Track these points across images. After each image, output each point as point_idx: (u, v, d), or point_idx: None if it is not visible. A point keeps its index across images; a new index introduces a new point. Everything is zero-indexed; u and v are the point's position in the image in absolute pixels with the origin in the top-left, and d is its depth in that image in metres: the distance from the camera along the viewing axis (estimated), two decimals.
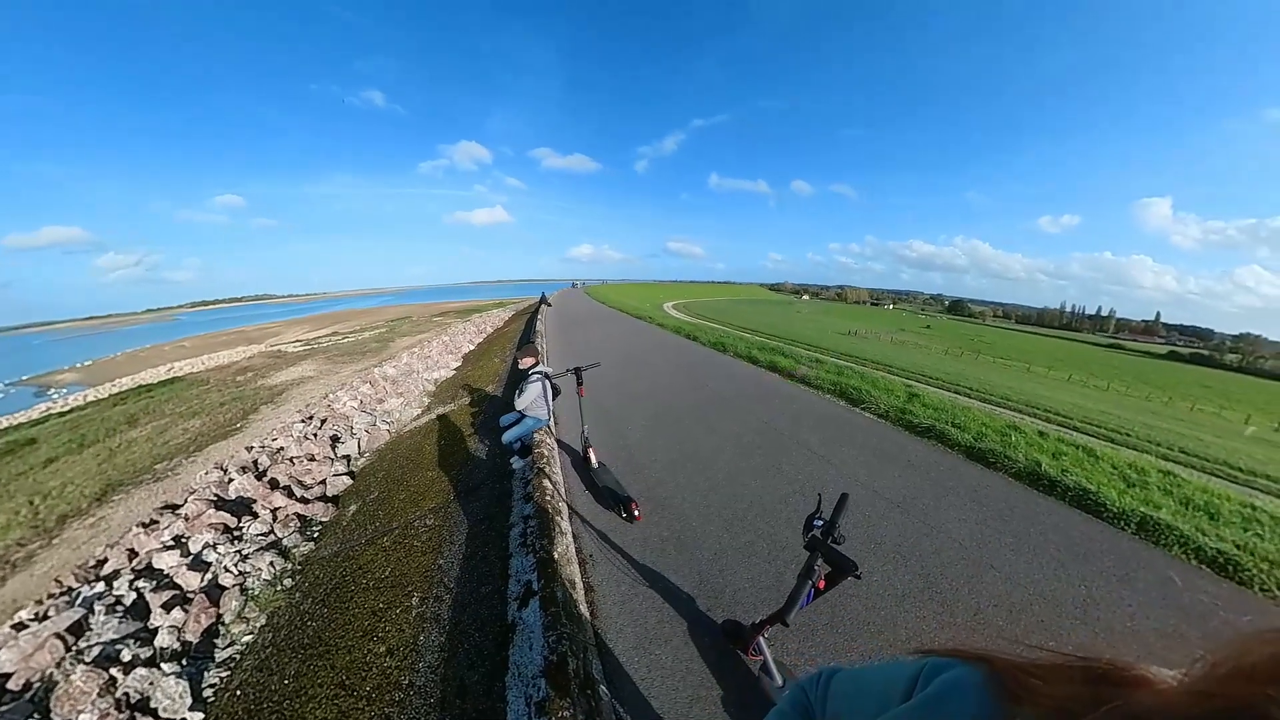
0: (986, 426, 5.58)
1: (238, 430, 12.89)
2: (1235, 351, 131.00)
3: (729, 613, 2.50)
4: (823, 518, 1.58)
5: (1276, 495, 8.64)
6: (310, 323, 63.12)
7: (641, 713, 2.03)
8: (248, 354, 31.74)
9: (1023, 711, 0.41)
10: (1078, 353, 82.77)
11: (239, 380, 20.98)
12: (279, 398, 16.61)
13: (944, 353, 47.32)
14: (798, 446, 4.95)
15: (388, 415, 9.68)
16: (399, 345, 26.57)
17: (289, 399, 16.23)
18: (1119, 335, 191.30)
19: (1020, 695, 0.43)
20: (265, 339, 43.70)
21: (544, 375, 4.18)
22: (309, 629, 3.18)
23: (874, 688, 0.58)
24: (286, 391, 17.51)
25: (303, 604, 3.59)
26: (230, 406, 15.67)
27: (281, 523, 5.55)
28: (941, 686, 0.48)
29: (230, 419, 14.18)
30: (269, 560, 4.64)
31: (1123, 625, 2.53)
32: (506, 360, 11.52)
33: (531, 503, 3.47)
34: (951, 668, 0.50)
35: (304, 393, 16.91)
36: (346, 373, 19.79)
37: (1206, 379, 66.93)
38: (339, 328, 48.81)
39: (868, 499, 3.77)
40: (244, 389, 18.71)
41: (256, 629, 3.70)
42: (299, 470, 6.98)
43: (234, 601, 4.12)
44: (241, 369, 24.33)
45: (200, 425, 13.82)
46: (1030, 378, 33.90)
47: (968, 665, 0.49)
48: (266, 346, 35.63)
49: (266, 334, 49.99)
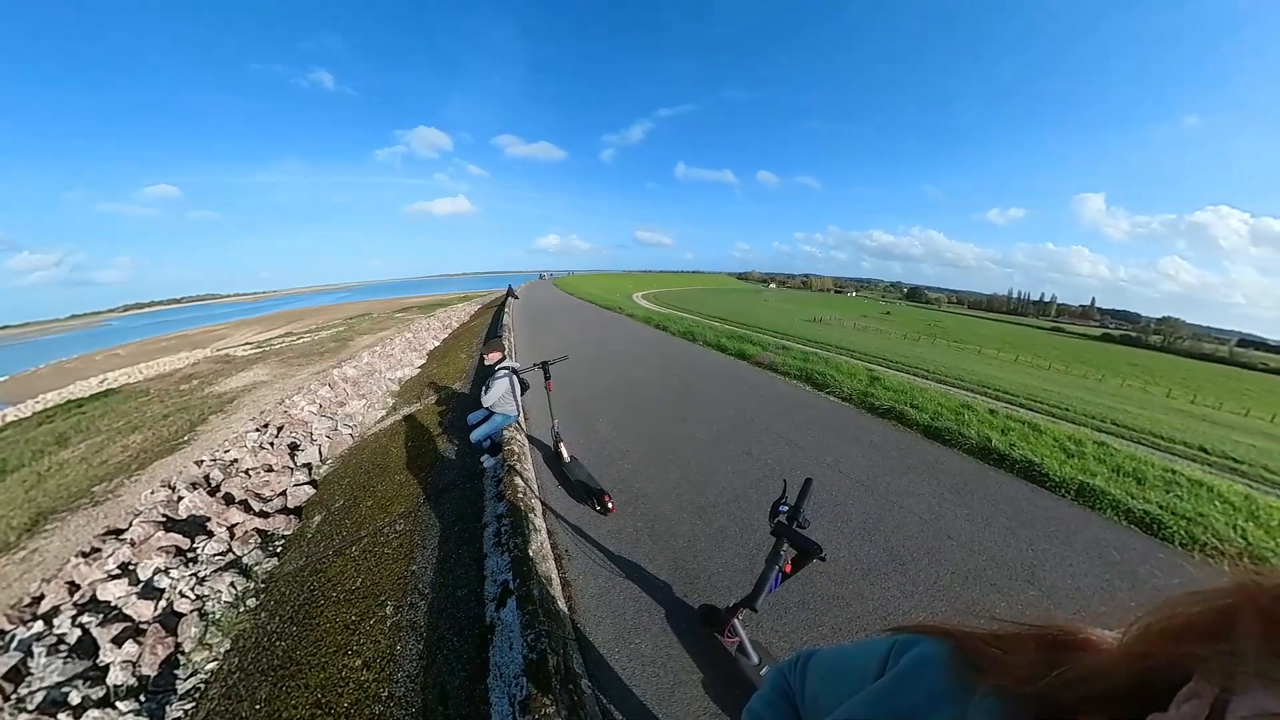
0: (942, 406, 5.88)
1: (185, 444, 12.07)
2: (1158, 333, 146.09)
3: (705, 598, 2.54)
4: (788, 503, 1.62)
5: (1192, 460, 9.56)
6: (261, 323, 59.48)
7: (625, 702, 2.05)
8: (192, 360, 29.62)
9: (984, 681, 0.44)
10: (1024, 336, 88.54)
11: (183, 389, 19.60)
12: (229, 406, 15.64)
13: (903, 337, 49.47)
14: (766, 432, 5.07)
15: (350, 419, 9.29)
16: (359, 344, 25.47)
17: (241, 407, 15.31)
18: (1060, 319, 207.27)
19: (982, 666, 0.45)
20: (211, 343, 40.94)
21: (511, 371, 4.10)
22: (278, 649, 3.04)
23: (849, 667, 0.59)
24: (237, 399, 16.51)
25: (269, 624, 3.42)
26: (175, 418, 14.63)
27: (240, 540, 5.24)
28: (910, 662, 0.50)
29: (175, 432, 13.24)
30: (229, 581, 4.38)
31: (1065, 584, 2.73)
32: (473, 356, 11.25)
33: (504, 501, 3.41)
34: (919, 643, 0.52)
35: (257, 399, 15.99)
36: (303, 376, 18.83)
37: (1134, 358, 73.15)
38: (293, 327, 46.26)
39: (834, 479, 3.91)
40: (189, 398, 17.50)
41: (221, 654, 3.50)
42: (256, 483, 6.61)
43: (193, 628, 3.87)
44: (185, 377, 22.71)
45: (142, 441, 12.84)
46: (982, 360, 35.97)
47: (934, 640, 0.51)
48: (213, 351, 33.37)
49: (212, 337, 46.85)
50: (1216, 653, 0.31)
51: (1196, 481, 4.18)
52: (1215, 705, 0.29)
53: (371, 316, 46.56)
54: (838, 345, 22.05)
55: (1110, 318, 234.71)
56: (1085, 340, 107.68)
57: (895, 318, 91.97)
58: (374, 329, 33.40)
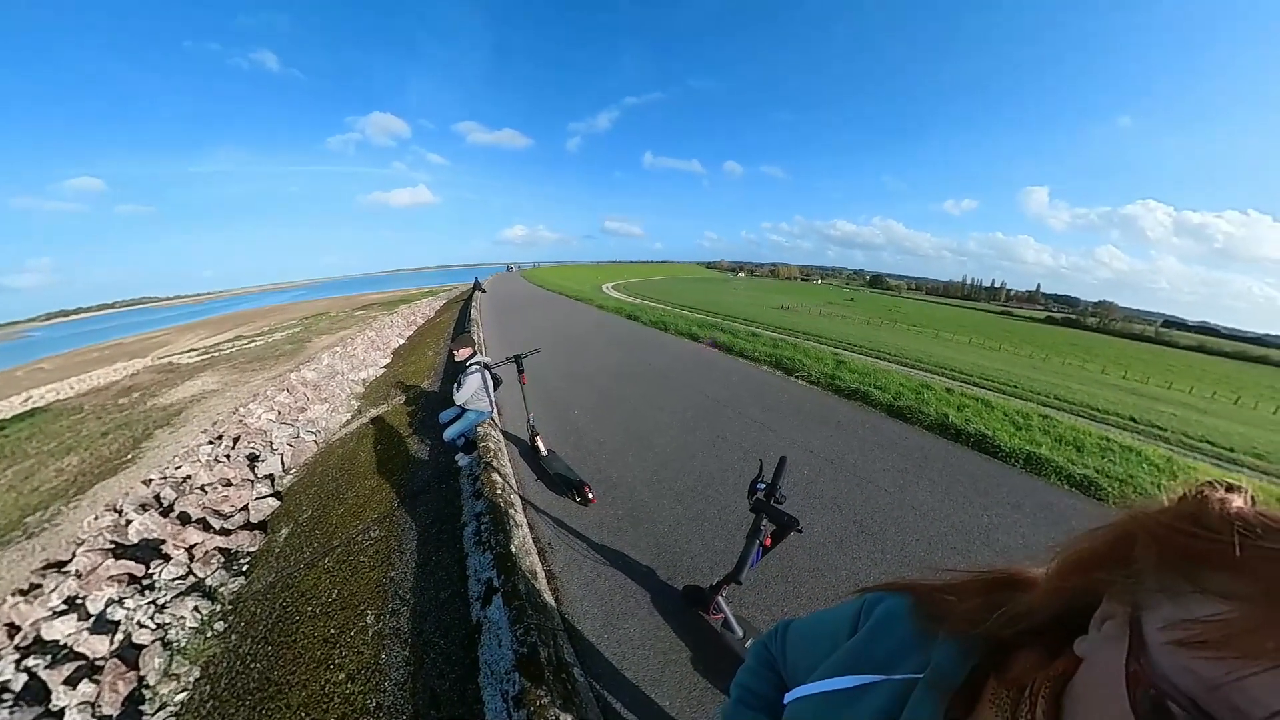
0: (903, 387, 6.17)
1: (129, 463, 11.21)
2: (1095, 316, 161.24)
3: (688, 579, 2.61)
4: (765, 481, 1.69)
5: (1123, 429, 10.46)
6: (207, 327, 55.67)
7: (617, 686, 2.09)
8: (130, 370, 27.41)
9: (942, 627, 0.49)
10: (977, 320, 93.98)
11: (123, 403, 18.15)
12: (177, 419, 14.61)
13: (866, 322, 51.33)
14: (739, 416, 5.20)
15: (312, 425, 8.90)
16: (317, 345, 24.27)
17: (190, 419, 14.33)
18: (1009, 304, 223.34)
19: (938, 614, 0.50)
20: (151, 350, 38.02)
21: (483, 366, 4.04)
22: (253, 671, 2.92)
23: (824, 630, 0.64)
24: (186, 410, 15.45)
25: (241, 646, 3.28)
26: (116, 435, 13.54)
27: (201, 561, 4.95)
28: (878, 617, 0.55)
29: (118, 450, 12.27)
30: (192, 605, 4.13)
31: (1017, 543, 2.97)
32: (441, 353, 10.97)
33: (482, 499, 3.38)
34: (884, 600, 0.57)
35: (208, 410, 15.01)
36: (258, 381, 17.83)
37: (1074, 339, 79.19)
38: (243, 330, 43.58)
39: (805, 459, 4.07)
40: (130, 413, 16.23)
41: (191, 684, 3.31)
42: (214, 499, 6.25)
43: (156, 659, 3.63)
44: (124, 389, 21.03)
45: (79, 462, 11.84)
46: (939, 342, 37.79)
47: (897, 596, 0.56)
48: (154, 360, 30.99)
49: (152, 344, 43.50)
50: (1120, 576, 0.36)
51: (1127, 447, 4.60)
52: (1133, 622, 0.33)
53: (329, 315, 44.40)
54: (805, 331, 22.70)
55: (1053, 302, 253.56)
56: (1031, 323, 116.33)
57: (859, 304, 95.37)
58: (333, 329, 31.88)
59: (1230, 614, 0.28)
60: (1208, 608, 0.29)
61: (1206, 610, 0.29)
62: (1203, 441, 11.28)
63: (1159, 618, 0.31)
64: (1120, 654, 0.33)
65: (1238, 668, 0.26)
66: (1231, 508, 0.33)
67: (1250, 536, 0.30)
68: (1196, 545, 0.32)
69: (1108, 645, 0.35)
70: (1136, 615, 0.33)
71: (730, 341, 9.20)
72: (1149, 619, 0.32)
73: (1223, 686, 0.26)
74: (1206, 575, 0.30)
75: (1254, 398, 38.08)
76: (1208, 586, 0.30)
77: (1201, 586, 0.30)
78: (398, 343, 16.50)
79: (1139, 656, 0.31)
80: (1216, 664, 0.27)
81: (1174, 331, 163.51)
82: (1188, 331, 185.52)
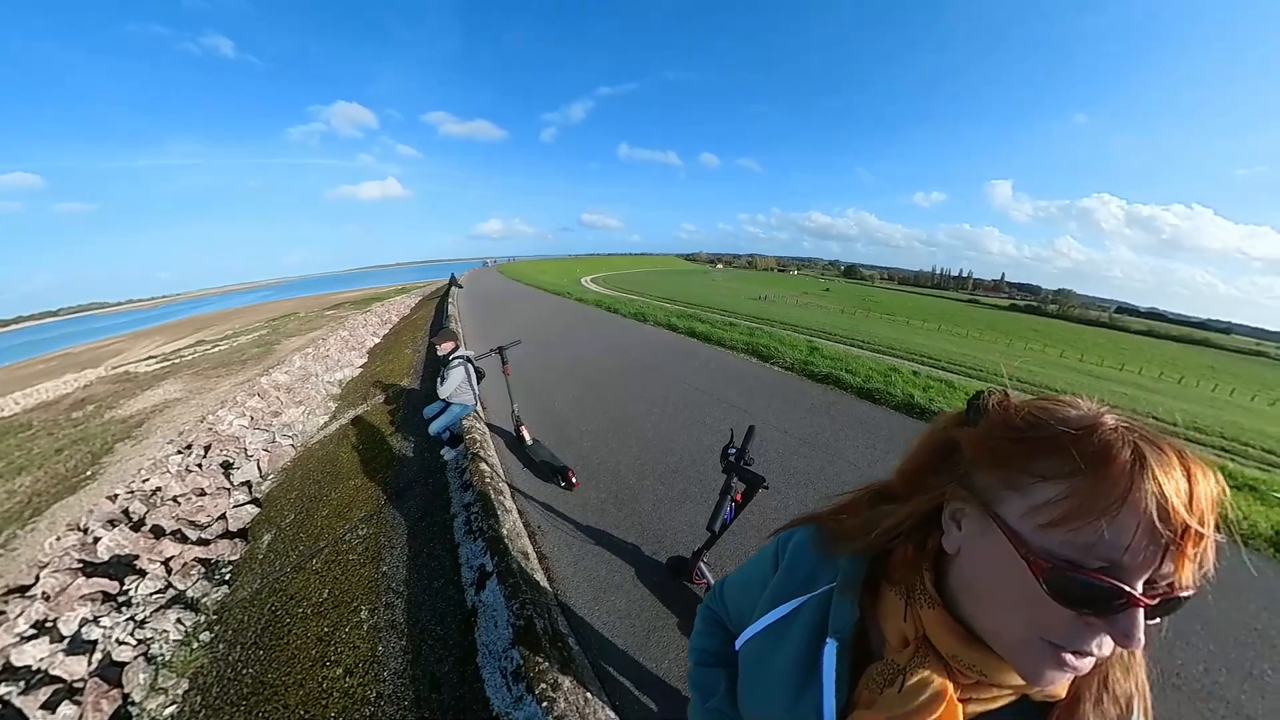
0: (873, 371, 6.47)
1: (89, 479, 10.65)
2: (1055, 303, 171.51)
3: (672, 552, 2.76)
4: (735, 446, 1.88)
5: None
6: (164, 333, 52.97)
7: (607, 653, 2.22)
8: (82, 382, 25.83)
9: (840, 545, 0.58)
10: (945, 308, 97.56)
11: (76, 417, 17.13)
12: (138, 430, 13.92)
13: (840, 311, 52.56)
14: (718, 402, 5.38)
15: (288, 428, 8.71)
16: (287, 347, 23.48)
17: (154, 430, 13.67)
18: (975, 293, 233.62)
19: (835, 536, 0.60)
20: (105, 359, 35.93)
21: (465, 359, 4.09)
22: (246, 677, 2.91)
23: (752, 576, 0.72)
24: (148, 421, 14.73)
25: (230, 654, 3.25)
26: (71, 452, 12.77)
27: (180, 573, 4.82)
28: (792, 551, 0.65)
29: (75, 467, 11.61)
30: (174, 618, 4.03)
31: None
32: (420, 350, 10.84)
33: (471, 489, 3.45)
34: (795, 534, 0.66)
35: (172, 419, 14.36)
36: (225, 387, 17.17)
37: (1035, 325, 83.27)
38: (205, 335, 41.73)
39: (780, 439, 4.27)
40: (86, 427, 15.35)
41: (180, 696, 3.24)
42: (188, 509, 6.08)
43: (141, 674, 3.55)
44: (77, 402, 19.83)
45: (31, 483, 11.17)
46: (909, 329, 39.04)
47: (803, 528, 0.66)
48: (107, 370, 29.31)
49: (105, 353, 41.12)
50: (951, 480, 0.47)
51: None
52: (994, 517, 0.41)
53: (298, 316, 42.86)
54: (781, 321, 23.15)
55: (1017, 290, 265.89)
56: (996, 310, 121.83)
57: (834, 294, 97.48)
58: (303, 329, 30.85)
59: (1070, 489, 0.36)
60: (1050, 490, 0.38)
61: (1051, 493, 0.37)
62: (1148, 418, 12.07)
63: (1014, 509, 0.40)
64: (1001, 545, 0.40)
65: (1095, 525, 0.36)
66: (1024, 410, 0.44)
67: (1047, 427, 0.40)
68: (1020, 446, 0.41)
69: (982, 539, 0.43)
70: (993, 511, 0.41)
71: (709, 331, 9.39)
72: (1005, 512, 0.41)
73: (1094, 545, 0.36)
74: (1038, 465, 0.39)
75: (1196, 377, 41.40)
76: (1044, 474, 0.39)
77: (1040, 475, 0.39)
78: (373, 342, 16.16)
79: (1020, 545, 0.39)
80: (1080, 530, 0.36)
81: (1126, 317, 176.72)
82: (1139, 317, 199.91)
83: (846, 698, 0.52)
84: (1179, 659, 2.14)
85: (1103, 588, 0.36)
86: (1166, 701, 1.97)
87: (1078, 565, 0.36)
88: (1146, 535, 0.35)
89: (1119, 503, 0.35)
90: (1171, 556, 0.35)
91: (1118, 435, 0.38)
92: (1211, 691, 2.00)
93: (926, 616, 0.48)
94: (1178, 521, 0.34)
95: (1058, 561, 0.37)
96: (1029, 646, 0.41)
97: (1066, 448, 0.38)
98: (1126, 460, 0.36)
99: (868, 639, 0.54)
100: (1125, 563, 0.36)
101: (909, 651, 0.48)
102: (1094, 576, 0.36)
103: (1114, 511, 0.35)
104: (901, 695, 0.46)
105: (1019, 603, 0.40)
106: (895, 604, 0.51)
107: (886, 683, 0.48)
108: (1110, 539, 0.35)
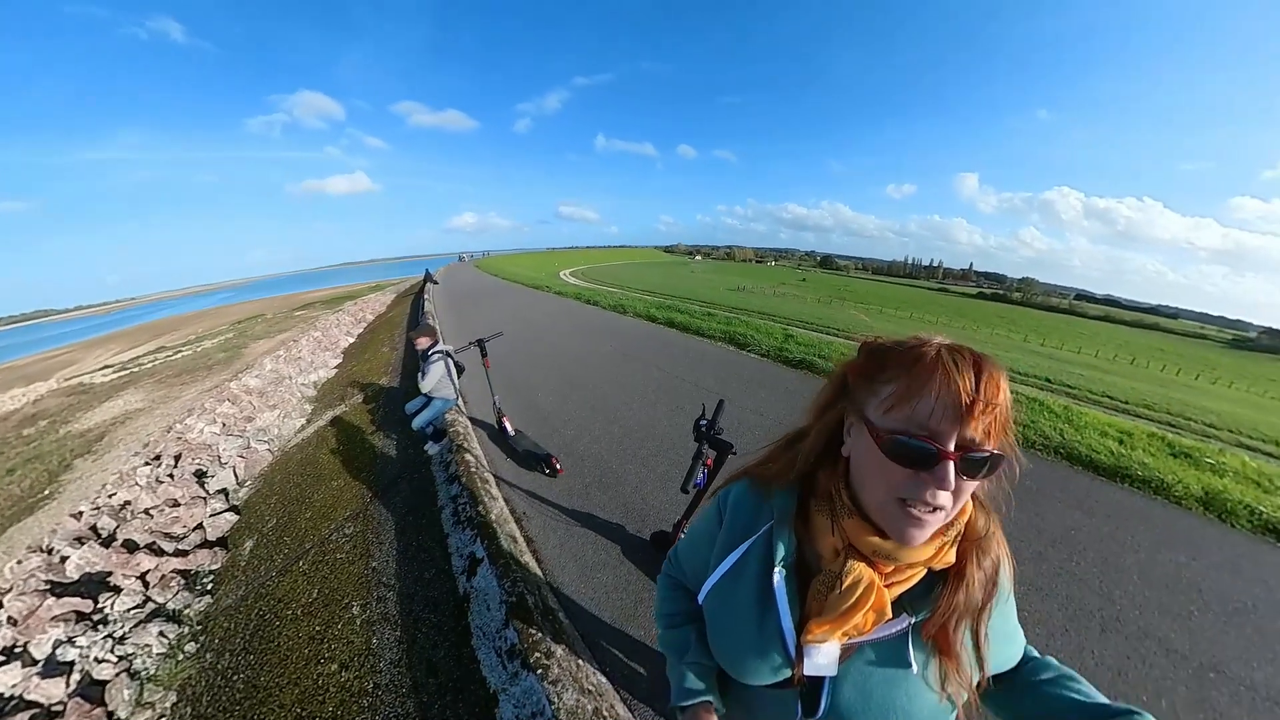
0: (845, 355, 6.71)
1: (47, 499, 10.07)
2: (1019, 291, 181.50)
3: (655, 529, 2.87)
4: (706, 419, 2.04)
5: (1039, 388, 11.80)
6: (120, 340, 50.23)
7: (597, 626, 2.32)
8: (31, 397, 24.19)
9: (771, 489, 0.69)
10: (917, 296, 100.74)
11: (28, 434, 16.09)
12: (99, 445, 13.16)
13: (816, 301, 53.59)
14: (696, 388, 5.53)
15: (263, 433, 8.49)
16: (256, 351, 22.65)
17: (116, 443, 12.96)
18: (945, 281, 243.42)
19: (765, 480, 0.71)
20: (55, 371, 33.84)
21: (445, 353, 4.10)
22: (238, 682, 2.89)
23: (700, 534, 0.81)
24: (109, 435, 13.94)
25: (219, 662, 3.21)
26: (25, 471, 12.00)
27: (159, 586, 4.66)
28: (732, 503, 0.75)
29: (30, 487, 10.93)
30: (156, 632, 3.91)
31: None
32: (397, 348, 10.68)
33: (457, 481, 3.50)
34: (732, 489, 0.76)
35: (136, 431, 13.66)
36: (192, 395, 16.48)
37: (1001, 312, 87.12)
38: (165, 340, 39.84)
39: (756, 421, 4.44)
40: (40, 444, 14.43)
41: (169, 708, 3.15)
42: (162, 521, 5.87)
43: (125, 690, 3.44)
44: (27, 418, 18.63)
45: None
46: (882, 317, 40.13)
47: (738, 482, 0.76)
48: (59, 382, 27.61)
49: (54, 364, 38.68)
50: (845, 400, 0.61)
51: (1036, 400, 5.31)
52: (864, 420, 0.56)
53: (265, 318, 41.28)
54: (759, 311, 23.49)
55: (984, 279, 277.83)
56: (965, 298, 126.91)
57: (810, 284, 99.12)
58: (272, 331, 29.79)
59: (898, 384, 0.54)
60: (889, 388, 0.54)
61: (889, 390, 0.54)
62: (1103, 396, 12.86)
63: (872, 408, 0.56)
64: (865, 434, 0.56)
65: (911, 404, 0.51)
66: (878, 343, 0.60)
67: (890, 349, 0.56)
68: (873, 364, 0.57)
69: (859, 437, 0.57)
70: (862, 413, 0.57)
71: (687, 322, 9.53)
72: (869, 412, 0.56)
73: (912, 418, 0.51)
74: (883, 374, 0.56)
75: (1146, 359, 44.48)
76: (886, 379, 0.55)
77: (883, 380, 0.55)
78: (347, 341, 15.79)
79: (872, 429, 0.55)
80: (905, 409, 0.52)
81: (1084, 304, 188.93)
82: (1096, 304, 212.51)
83: (800, 613, 0.62)
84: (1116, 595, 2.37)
85: (919, 445, 0.50)
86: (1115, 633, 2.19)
87: (905, 433, 0.51)
88: (943, 409, 0.50)
89: (925, 387, 0.51)
90: (966, 423, 0.50)
91: (934, 348, 0.53)
92: (1145, 630, 2.24)
93: (848, 526, 0.59)
94: (965, 398, 0.50)
95: (891, 431, 0.52)
96: (888, 507, 0.54)
97: (899, 358, 0.55)
98: (933, 360, 0.52)
99: (809, 562, 0.66)
100: (933, 428, 0.50)
101: (840, 559, 0.59)
102: (913, 438, 0.51)
103: (922, 394, 0.51)
104: (842, 594, 0.57)
105: (876, 471, 0.54)
106: (823, 523, 0.63)
107: (829, 589, 0.59)
108: (919, 413, 0.51)
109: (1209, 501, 3.31)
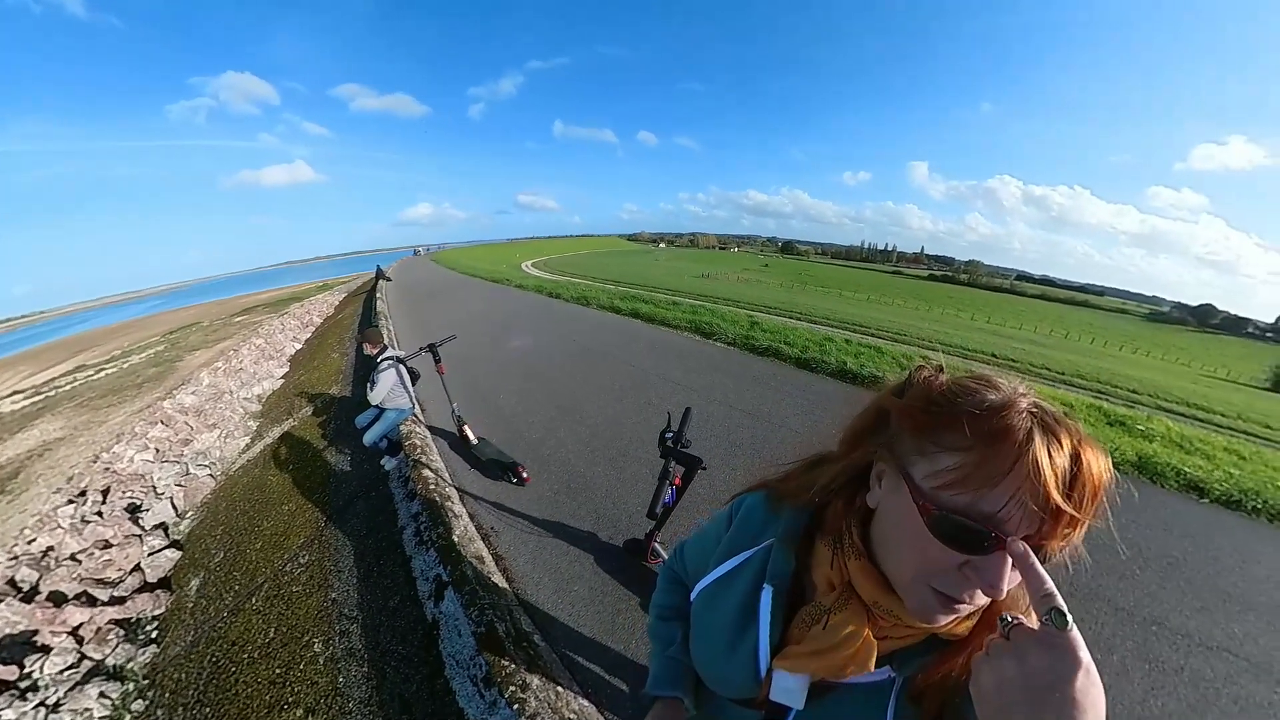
0: (809, 341, 6.83)
1: None
2: (966, 273, 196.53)
3: (628, 535, 2.80)
4: (672, 430, 1.90)
5: (984, 363, 12.55)
6: (30, 361, 45.24)
7: (575, 643, 2.23)
8: None
9: (783, 506, 0.66)
10: (873, 279, 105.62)
11: None
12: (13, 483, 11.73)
13: (779, 286, 54.82)
14: (663, 381, 5.48)
15: (203, 457, 7.82)
16: (191, 364, 20.91)
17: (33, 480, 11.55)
18: (899, 265, 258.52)
19: (780, 496, 0.67)
20: None
21: (395, 360, 3.85)
22: None
23: (709, 535, 0.79)
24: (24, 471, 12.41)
25: (171, 718, 2.94)
26: None
27: (95, 640, 4.17)
28: (744, 511, 0.72)
29: None
30: (96, 693, 3.50)
31: None
32: (348, 353, 10.10)
33: (417, 498, 3.30)
34: (746, 498, 0.74)
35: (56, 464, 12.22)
36: (120, 418, 15.00)
37: (951, 292, 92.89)
38: (86, 358, 36.19)
39: (725, 413, 4.43)
40: None
41: None
42: (92, 566, 5.26)
43: None
44: None
45: None
46: (842, 300, 41.53)
47: (754, 492, 0.74)
48: None
49: None
50: (882, 442, 0.52)
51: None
52: (905, 476, 0.47)
53: (201, 326, 38.13)
54: (724, 297, 23.77)
55: (934, 262, 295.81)
56: (917, 280, 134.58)
57: (773, 269, 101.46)
58: (209, 341, 27.58)
59: (964, 460, 0.42)
60: (949, 459, 0.43)
61: (949, 462, 0.44)
62: (1044, 369, 13.82)
63: (921, 472, 0.46)
64: (905, 497, 0.46)
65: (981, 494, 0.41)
66: (939, 385, 0.49)
67: (957, 405, 0.45)
68: (931, 419, 0.47)
69: (894, 495, 0.49)
70: (905, 470, 0.47)
71: (652, 312, 9.47)
72: (915, 473, 0.46)
73: (975, 502, 0.41)
74: (944, 437, 0.45)
75: (1078, 333, 49.69)
76: (947, 445, 0.44)
77: (944, 446, 0.45)
78: (293, 348, 14.81)
79: (920, 498, 0.45)
80: (968, 494, 0.42)
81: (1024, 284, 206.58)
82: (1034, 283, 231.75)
83: (781, 637, 0.59)
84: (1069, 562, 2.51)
85: (973, 528, 0.41)
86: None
87: (961, 513, 0.42)
88: (1019, 507, 0.40)
89: (1002, 473, 0.40)
90: (1046, 528, 0.40)
91: (1016, 417, 0.42)
92: (1095, 592, 2.37)
93: (852, 566, 0.54)
94: (1049, 501, 0.39)
95: (946, 510, 0.42)
96: (916, 588, 0.47)
97: (973, 422, 0.43)
98: (1016, 441, 0.40)
99: (804, 587, 0.61)
100: (1000, 519, 0.41)
101: (835, 595, 0.55)
102: (971, 519, 0.41)
103: (997, 483, 0.40)
104: (826, 631, 0.53)
105: (909, 543, 0.46)
106: (825, 554, 0.57)
107: (814, 621, 0.55)
108: (988, 504, 0.41)
109: (1142, 465, 3.56)
